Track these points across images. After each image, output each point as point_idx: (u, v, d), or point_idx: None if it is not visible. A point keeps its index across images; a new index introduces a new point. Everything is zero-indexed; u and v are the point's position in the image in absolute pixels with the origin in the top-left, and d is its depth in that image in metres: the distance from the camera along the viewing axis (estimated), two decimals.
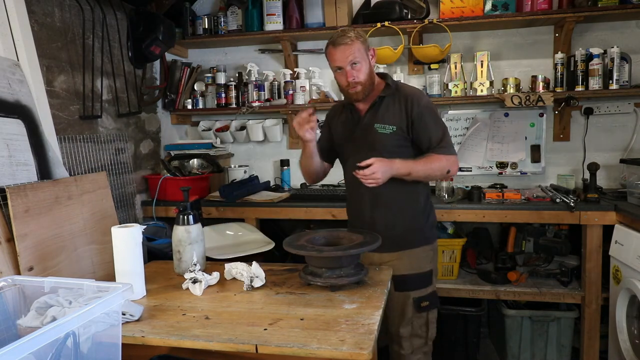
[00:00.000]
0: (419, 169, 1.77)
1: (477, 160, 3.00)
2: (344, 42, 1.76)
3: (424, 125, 1.82)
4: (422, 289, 1.87)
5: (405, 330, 1.87)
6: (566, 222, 2.48)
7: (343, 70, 1.79)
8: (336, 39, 1.78)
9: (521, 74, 2.89)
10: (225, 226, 2.60)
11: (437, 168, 1.80)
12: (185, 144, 3.16)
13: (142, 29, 2.73)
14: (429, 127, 1.82)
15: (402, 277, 1.83)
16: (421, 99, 1.85)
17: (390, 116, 1.83)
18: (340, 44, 1.76)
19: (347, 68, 1.77)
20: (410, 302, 1.85)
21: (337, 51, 1.77)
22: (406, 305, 1.86)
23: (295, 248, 1.53)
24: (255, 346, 1.16)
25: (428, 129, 1.82)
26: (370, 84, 1.83)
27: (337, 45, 1.77)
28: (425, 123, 1.82)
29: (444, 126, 1.88)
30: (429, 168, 1.79)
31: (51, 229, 1.68)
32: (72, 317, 0.92)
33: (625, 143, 2.86)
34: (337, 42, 1.77)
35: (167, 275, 1.72)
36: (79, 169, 2.29)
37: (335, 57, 1.79)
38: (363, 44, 1.79)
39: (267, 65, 3.23)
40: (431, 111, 1.85)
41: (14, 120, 1.75)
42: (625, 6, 2.54)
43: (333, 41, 1.79)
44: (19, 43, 1.86)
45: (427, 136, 1.82)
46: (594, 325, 2.47)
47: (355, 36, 1.77)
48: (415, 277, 1.86)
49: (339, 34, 1.80)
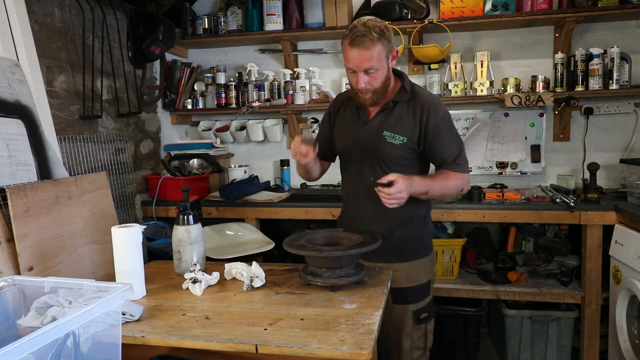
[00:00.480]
0: (435, 187, 1.64)
1: (477, 160, 3.00)
2: (363, 44, 1.54)
3: (440, 140, 1.68)
4: (420, 301, 1.79)
5: (406, 344, 1.80)
6: (566, 222, 2.48)
7: (356, 74, 1.61)
8: (356, 36, 1.54)
9: (521, 74, 2.89)
10: (225, 226, 2.60)
11: (453, 187, 1.68)
12: (185, 144, 3.16)
13: (142, 29, 2.73)
14: (445, 142, 1.68)
15: (401, 290, 1.75)
16: (439, 110, 1.68)
17: (403, 125, 1.68)
18: (358, 46, 1.54)
19: (360, 73, 1.59)
20: (410, 316, 1.77)
21: (353, 52, 1.56)
22: (405, 319, 1.78)
23: (295, 248, 1.52)
24: (255, 346, 1.16)
25: (444, 144, 1.68)
26: (384, 90, 1.66)
27: (354, 46, 1.55)
28: (441, 138, 1.67)
29: (460, 141, 1.74)
30: (445, 187, 1.66)
31: (51, 229, 1.68)
32: (72, 317, 0.92)
33: (625, 143, 2.86)
34: (356, 42, 1.54)
35: (167, 275, 1.72)
36: (79, 169, 2.29)
37: (349, 57, 1.58)
38: (385, 46, 1.58)
39: (267, 65, 3.23)
40: (448, 124, 1.70)
41: (14, 120, 1.75)
42: (625, 6, 2.54)
43: (352, 37, 1.55)
44: (19, 43, 1.86)
45: (442, 151, 1.69)
46: (594, 325, 2.47)
47: (378, 37, 1.54)
48: (414, 290, 1.77)
49: (360, 30, 1.54)
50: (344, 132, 1.81)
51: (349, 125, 1.79)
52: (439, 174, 1.70)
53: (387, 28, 1.60)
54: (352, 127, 1.78)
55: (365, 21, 1.58)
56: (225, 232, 2.56)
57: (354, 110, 1.78)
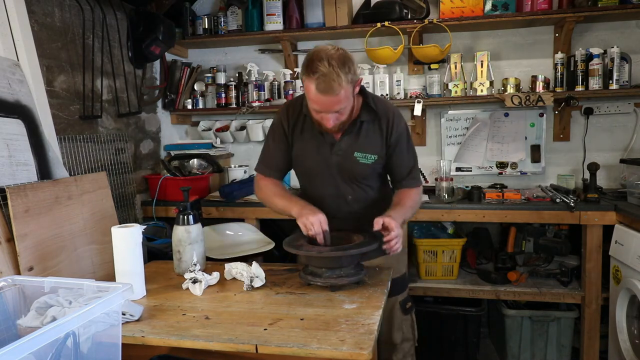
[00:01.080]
0: (408, 214, 1.68)
1: (477, 160, 3.00)
2: (330, 90, 1.43)
3: (399, 153, 1.70)
4: (404, 291, 1.88)
5: (397, 337, 1.86)
6: (566, 222, 2.48)
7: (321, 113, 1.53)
8: (321, 79, 1.42)
9: (521, 74, 2.89)
10: (225, 226, 2.60)
11: (417, 204, 1.73)
12: (185, 144, 3.16)
13: (142, 29, 2.73)
14: (404, 155, 1.71)
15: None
16: (401, 122, 1.69)
17: (371, 143, 1.66)
18: (325, 92, 1.44)
19: (328, 114, 1.52)
20: (398, 307, 1.84)
21: (320, 97, 1.46)
22: (394, 310, 1.84)
23: (295, 248, 1.53)
24: (255, 346, 1.16)
25: (402, 156, 1.71)
26: (350, 117, 1.61)
27: (320, 91, 1.44)
28: (400, 150, 1.70)
29: (415, 152, 1.76)
30: (413, 208, 1.70)
31: (51, 229, 1.68)
32: (72, 317, 0.92)
33: (625, 143, 2.86)
34: (321, 86, 1.43)
35: (167, 275, 1.72)
36: (79, 169, 2.29)
37: (315, 100, 1.49)
38: (351, 80, 1.47)
39: (267, 65, 3.23)
40: (407, 135, 1.72)
41: (14, 120, 1.75)
42: (625, 6, 2.54)
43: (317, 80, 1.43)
44: (19, 43, 1.86)
45: (400, 165, 1.72)
46: (594, 325, 2.47)
47: (344, 76, 1.43)
48: (399, 281, 1.83)
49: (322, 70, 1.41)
50: (308, 153, 1.72)
51: (313, 146, 1.70)
52: (403, 198, 1.70)
53: (348, 57, 1.48)
54: (317, 149, 1.69)
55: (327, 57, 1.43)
56: (225, 232, 2.55)
57: (315, 131, 1.67)
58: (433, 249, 2.67)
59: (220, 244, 2.41)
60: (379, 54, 2.82)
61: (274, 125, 1.77)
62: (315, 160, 1.71)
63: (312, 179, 1.78)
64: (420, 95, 2.88)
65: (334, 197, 1.75)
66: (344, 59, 1.46)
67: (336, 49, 1.49)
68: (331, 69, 1.42)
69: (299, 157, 1.75)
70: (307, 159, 1.73)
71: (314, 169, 1.74)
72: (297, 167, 1.80)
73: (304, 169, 1.79)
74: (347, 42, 3.09)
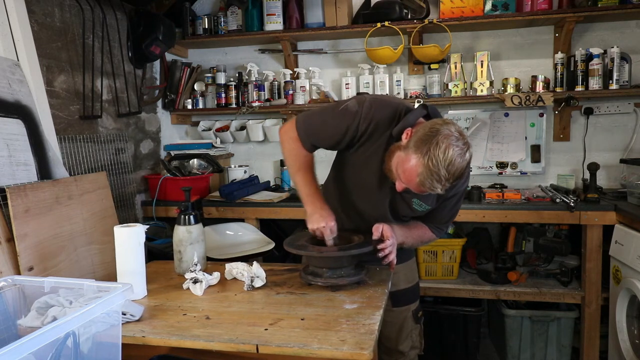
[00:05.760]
0: (409, 243, 1.64)
1: (477, 160, 3.01)
2: (430, 190, 1.34)
3: (444, 207, 1.63)
4: (417, 300, 1.84)
5: (405, 345, 1.82)
6: (566, 222, 2.48)
7: (403, 186, 1.42)
8: (426, 180, 1.30)
9: (521, 74, 2.89)
10: (225, 226, 2.60)
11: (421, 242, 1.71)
12: (185, 144, 3.16)
13: (142, 29, 2.73)
14: (445, 210, 1.65)
15: (401, 291, 1.76)
16: (463, 184, 1.61)
17: (431, 196, 1.55)
18: (423, 188, 1.34)
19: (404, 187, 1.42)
20: (410, 316, 1.80)
21: (413, 186, 1.36)
22: (406, 320, 1.80)
23: (295, 248, 1.52)
24: (256, 346, 1.15)
25: (444, 211, 1.65)
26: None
27: (420, 186, 1.33)
28: (445, 205, 1.63)
29: (457, 212, 1.69)
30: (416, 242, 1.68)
31: (51, 229, 1.68)
32: (73, 317, 0.92)
33: (625, 143, 2.86)
34: (425, 186, 1.32)
35: (168, 275, 1.72)
36: (79, 169, 2.29)
37: (406, 180, 1.37)
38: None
39: (267, 65, 3.22)
40: (460, 196, 1.64)
41: (14, 120, 1.75)
42: (625, 6, 2.55)
43: (421, 178, 1.30)
44: (19, 43, 1.86)
45: (437, 214, 1.65)
46: (594, 325, 2.47)
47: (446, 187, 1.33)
48: (412, 290, 1.81)
49: (438, 176, 1.28)
50: (366, 175, 1.58)
51: (374, 170, 1.54)
52: (416, 228, 1.67)
53: (468, 162, 1.35)
54: (378, 178, 1.55)
55: (455, 169, 1.29)
56: (225, 232, 2.56)
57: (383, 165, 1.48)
58: (433, 249, 2.67)
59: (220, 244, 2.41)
60: (379, 54, 2.82)
61: (348, 111, 1.50)
62: (370, 184, 1.58)
63: (356, 194, 1.66)
64: (420, 95, 2.88)
65: (370, 217, 1.64)
66: (463, 170, 1.32)
67: (464, 150, 1.31)
68: (446, 181, 1.30)
69: (349, 164, 1.61)
70: (362, 178, 1.59)
71: (363, 190, 1.62)
72: (343, 172, 1.66)
73: (351, 182, 1.65)
74: (347, 42, 3.10)
